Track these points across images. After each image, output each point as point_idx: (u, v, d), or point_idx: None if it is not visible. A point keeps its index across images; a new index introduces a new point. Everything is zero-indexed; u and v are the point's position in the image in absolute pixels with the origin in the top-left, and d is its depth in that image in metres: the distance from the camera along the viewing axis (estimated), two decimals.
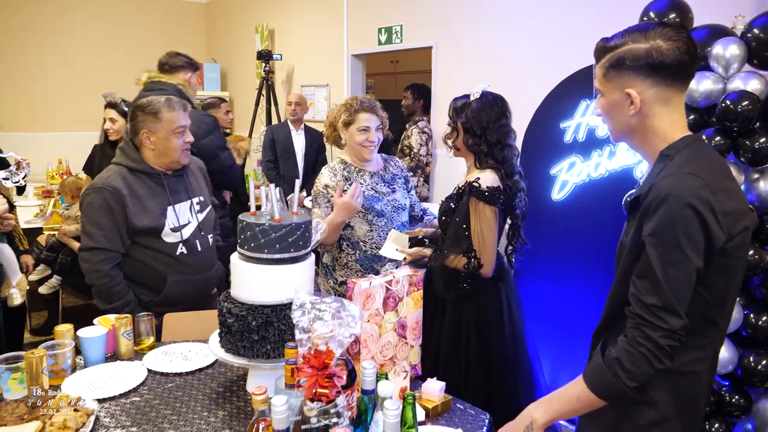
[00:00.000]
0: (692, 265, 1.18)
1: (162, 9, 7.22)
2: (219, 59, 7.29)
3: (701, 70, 2.19)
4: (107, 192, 2.18)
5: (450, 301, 2.24)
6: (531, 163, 3.01)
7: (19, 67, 6.32)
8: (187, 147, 2.30)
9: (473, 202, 2.16)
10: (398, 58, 7.41)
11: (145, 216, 2.22)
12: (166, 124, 2.22)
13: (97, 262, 2.20)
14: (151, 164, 2.28)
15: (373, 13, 4.84)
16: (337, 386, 1.16)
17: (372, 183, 2.55)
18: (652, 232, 1.20)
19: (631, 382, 1.22)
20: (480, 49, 3.91)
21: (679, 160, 1.24)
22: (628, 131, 1.33)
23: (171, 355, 1.98)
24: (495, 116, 2.24)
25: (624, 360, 1.22)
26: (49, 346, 1.79)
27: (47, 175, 5.59)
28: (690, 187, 1.17)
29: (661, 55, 1.22)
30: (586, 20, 3.20)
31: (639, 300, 1.22)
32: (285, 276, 1.61)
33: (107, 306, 2.22)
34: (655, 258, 1.19)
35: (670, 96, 1.27)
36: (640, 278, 1.23)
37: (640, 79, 1.25)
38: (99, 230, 2.18)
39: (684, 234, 1.17)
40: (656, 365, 1.21)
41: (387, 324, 1.73)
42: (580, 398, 1.31)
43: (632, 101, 1.27)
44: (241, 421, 1.58)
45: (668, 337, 1.19)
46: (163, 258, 2.27)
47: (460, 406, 1.71)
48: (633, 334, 1.23)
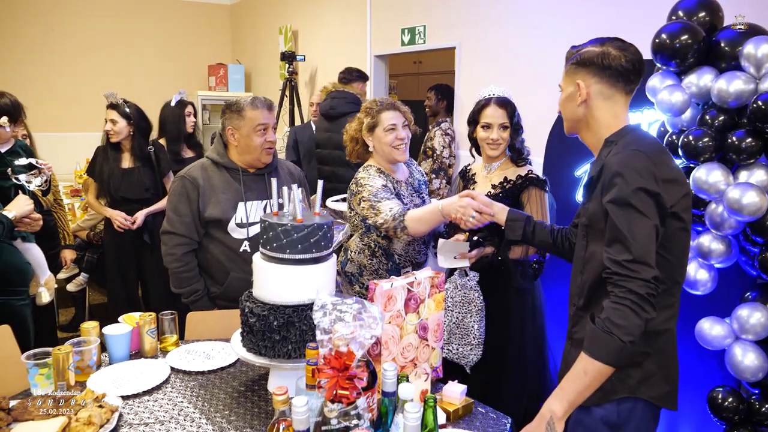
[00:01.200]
0: (650, 222, 1.36)
1: (188, 11, 7.31)
2: (243, 60, 7.36)
3: (732, 70, 2.14)
4: (187, 181, 2.29)
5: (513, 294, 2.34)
6: (555, 165, 2.98)
7: (48, 67, 6.45)
8: (269, 146, 2.32)
9: (534, 191, 2.30)
10: (421, 58, 7.39)
11: (215, 207, 2.27)
12: (248, 121, 2.26)
13: (173, 246, 2.29)
14: (235, 161, 2.34)
15: (396, 14, 4.83)
16: (357, 388, 1.15)
17: (408, 194, 2.44)
18: (612, 199, 1.39)
19: (627, 336, 1.32)
20: (503, 49, 3.88)
21: (624, 142, 1.47)
22: (576, 120, 1.58)
23: (194, 353, 2.00)
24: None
25: (614, 317, 1.34)
26: (75, 342, 1.82)
27: (75, 174, 5.69)
28: (636, 159, 1.39)
29: (609, 58, 1.49)
30: (611, 20, 3.15)
31: (613, 260, 1.37)
32: (307, 276, 1.62)
33: (177, 290, 2.33)
34: (619, 219, 1.37)
35: (612, 94, 1.51)
36: (609, 244, 1.39)
37: (589, 75, 1.52)
38: (177, 216, 2.28)
39: (637, 198, 1.36)
40: (642, 315, 1.32)
41: (408, 326, 1.72)
42: (587, 371, 1.37)
43: (580, 92, 1.52)
44: (262, 420, 1.59)
45: (645, 286, 1.33)
46: (228, 252, 2.31)
47: (481, 410, 1.69)
48: (614, 291, 1.36)
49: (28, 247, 2.53)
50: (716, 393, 2.18)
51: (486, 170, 2.44)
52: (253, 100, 2.29)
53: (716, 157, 2.15)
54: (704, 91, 2.20)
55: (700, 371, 2.36)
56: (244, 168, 2.34)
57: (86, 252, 4.18)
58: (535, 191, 2.30)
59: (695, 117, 2.27)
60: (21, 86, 6.14)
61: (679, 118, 2.29)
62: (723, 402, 2.15)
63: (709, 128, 2.16)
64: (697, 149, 2.14)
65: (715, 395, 2.17)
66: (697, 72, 2.23)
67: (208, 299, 2.33)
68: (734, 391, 2.17)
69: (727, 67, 2.17)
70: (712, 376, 2.30)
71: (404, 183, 2.46)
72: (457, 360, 2.32)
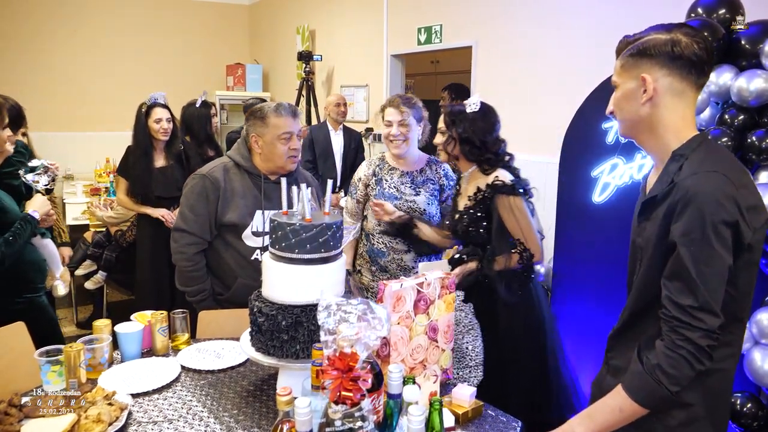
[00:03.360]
0: (724, 262, 1.18)
1: (207, 11, 7.37)
2: (261, 60, 7.39)
3: (753, 68, 2.09)
4: (208, 181, 2.26)
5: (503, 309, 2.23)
6: (571, 165, 2.93)
7: (69, 68, 6.53)
8: (293, 153, 2.26)
9: (502, 199, 2.19)
10: (438, 58, 7.36)
11: (233, 212, 2.25)
12: (272, 129, 2.22)
13: (184, 244, 2.28)
14: (258, 166, 2.30)
15: (412, 13, 4.81)
16: (361, 389, 1.14)
17: (398, 182, 2.62)
18: (684, 231, 1.19)
19: (674, 387, 1.21)
20: (520, 48, 3.84)
21: (698, 158, 1.24)
22: (638, 122, 1.33)
23: (204, 352, 2.01)
24: (491, 127, 2.29)
25: (665, 365, 1.21)
26: (87, 340, 1.83)
27: (95, 173, 5.77)
28: (716, 184, 1.18)
29: (680, 46, 1.25)
30: (629, 17, 3.10)
31: (674, 302, 1.21)
32: (315, 276, 1.61)
33: (183, 288, 2.32)
34: (688, 258, 1.18)
35: (683, 89, 1.28)
36: (671, 280, 1.22)
37: (657, 68, 1.27)
38: (193, 215, 2.26)
39: (714, 231, 1.17)
40: (697, 366, 1.19)
41: (418, 327, 1.70)
42: (623, 409, 1.28)
43: (645, 88, 1.28)
44: (270, 420, 1.59)
45: (707, 337, 1.18)
46: (239, 258, 2.28)
47: (491, 413, 1.67)
48: (671, 337, 1.21)
49: (45, 243, 2.58)
50: (735, 399, 2.13)
51: (464, 180, 2.41)
52: (277, 107, 2.24)
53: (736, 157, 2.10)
54: (723, 90, 2.15)
55: None
56: (265, 175, 2.30)
57: (105, 250, 4.22)
58: (503, 199, 2.20)
59: (714, 116, 2.22)
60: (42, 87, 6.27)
61: (698, 118, 2.25)
62: (742, 408, 2.10)
63: (729, 128, 2.11)
64: None
65: (734, 401, 2.12)
66: (716, 70, 2.18)
67: (213, 300, 2.32)
68: (753, 396, 2.12)
69: (747, 65, 2.13)
70: None
71: (402, 172, 2.63)
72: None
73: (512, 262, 2.18)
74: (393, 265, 2.65)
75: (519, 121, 3.87)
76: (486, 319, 2.23)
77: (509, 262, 2.18)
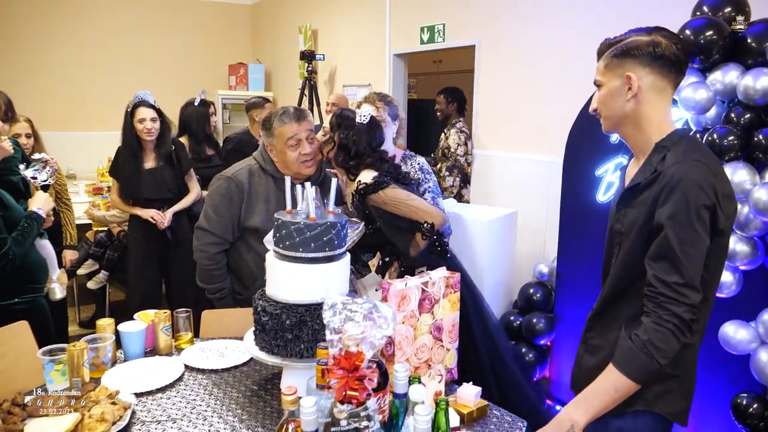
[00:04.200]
0: (704, 243, 1.29)
1: (209, 11, 7.36)
2: (263, 60, 7.39)
3: (759, 66, 2.08)
4: (233, 183, 2.26)
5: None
6: (575, 164, 2.93)
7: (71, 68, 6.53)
8: (304, 159, 2.24)
9: (374, 198, 2.21)
10: (441, 57, 7.35)
11: (256, 216, 2.24)
12: (279, 137, 2.21)
13: (206, 243, 2.29)
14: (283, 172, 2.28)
15: (415, 12, 4.80)
16: (367, 389, 1.13)
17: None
18: (670, 215, 1.28)
19: (664, 360, 1.29)
20: (523, 47, 3.83)
21: (680, 149, 1.35)
22: (623, 118, 1.43)
23: (208, 351, 2.00)
24: (376, 143, 2.32)
25: (655, 339, 1.28)
26: (90, 339, 1.83)
27: (98, 172, 5.76)
28: (698, 172, 1.29)
29: (661, 47, 1.36)
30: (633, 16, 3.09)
31: (660, 280, 1.29)
32: (319, 275, 1.60)
33: (203, 285, 2.33)
34: (674, 239, 1.27)
35: (664, 86, 1.38)
36: (656, 260, 1.31)
37: (640, 67, 1.37)
38: (216, 216, 2.27)
39: (697, 215, 1.27)
40: (682, 339, 1.29)
41: (422, 326, 1.69)
42: (618, 388, 1.33)
43: (630, 86, 1.38)
44: (275, 420, 1.58)
45: (690, 311, 1.28)
46: (260, 261, 2.23)
47: (496, 413, 1.66)
48: (658, 313, 1.29)
49: (44, 244, 2.55)
50: (741, 399, 2.12)
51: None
52: (281, 115, 2.22)
53: (742, 156, 2.09)
54: (729, 89, 2.14)
55: (724, 376, 2.29)
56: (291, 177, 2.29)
57: (107, 249, 4.22)
58: (374, 198, 2.22)
59: (720, 115, 2.21)
60: (43, 86, 6.26)
61: (704, 116, 2.24)
62: (748, 408, 2.09)
63: (735, 126, 2.10)
64: (722, 148, 2.08)
65: (740, 401, 2.11)
66: (722, 69, 2.17)
67: (233, 299, 2.33)
68: (759, 397, 2.10)
69: (753, 64, 2.12)
70: (736, 382, 2.23)
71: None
72: None
73: (421, 242, 2.23)
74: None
75: (522, 120, 3.85)
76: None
77: (419, 244, 2.23)
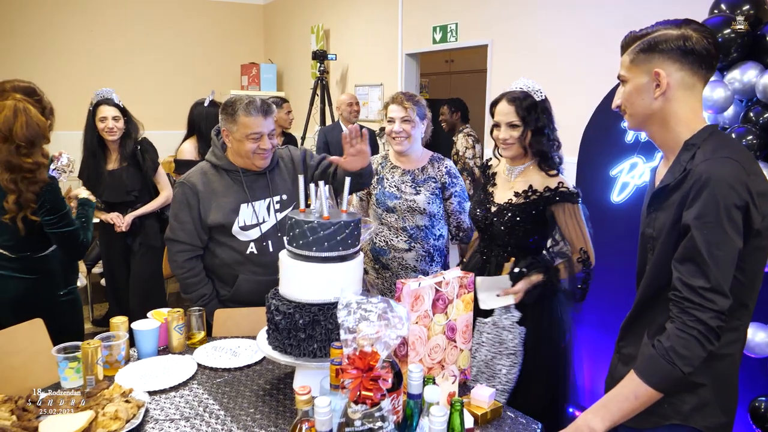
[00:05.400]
0: (735, 246, 1.22)
1: (222, 11, 7.38)
2: (275, 60, 7.40)
3: None
4: (187, 187, 2.24)
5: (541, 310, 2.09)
6: (589, 165, 2.90)
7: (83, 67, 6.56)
8: (262, 152, 2.21)
9: (567, 207, 2.07)
10: (453, 57, 7.33)
11: (216, 212, 2.22)
12: (241, 127, 2.17)
13: (175, 252, 2.27)
14: (233, 161, 2.27)
15: (427, 12, 4.79)
16: (382, 389, 1.12)
17: (399, 181, 2.62)
18: (697, 215, 1.22)
19: (687, 368, 1.23)
20: (536, 46, 3.80)
21: (710, 146, 1.27)
22: (650, 116, 1.36)
23: (221, 350, 2.00)
24: (553, 116, 2.15)
25: (678, 346, 1.23)
26: (104, 337, 1.84)
27: None
28: (729, 170, 1.21)
29: (692, 41, 1.28)
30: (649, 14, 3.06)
31: (685, 284, 1.24)
32: (333, 274, 1.59)
33: (185, 295, 2.31)
34: (701, 240, 1.21)
35: (694, 83, 1.31)
36: (683, 263, 1.25)
37: (669, 62, 1.30)
38: (178, 223, 2.25)
39: (727, 215, 1.20)
40: (707, 347, 1.22)
41: (436, 326, 1.68)
42: (638, 395, 1.28)
43: (659, 83, 1.31)
44: (287, 419, 1.57)
45: (717, 318, 1.21)
46: (235, 255, 2.26)
47: (510, 414, 1.65)
48: (682, 318, 1.24)
49: None
50: (759, 403, 2.09)
51: (508, 173, 2.21)
52: (247, 105, 2.17)
53: (761, 156, 2.06)
54: (748, 88, 2.11)
55: (742, 379, 2.25)
56: (243, 168, 2.26)
57: None
58: (567, 207, 2.07)
59: (738, 114, 2.18)
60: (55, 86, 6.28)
61: (721, 116, 2.21)
62: (766, 412, 2.05)
63: (754, 126, 2.07)
64: None
65: (758, 405, 2.08)
66: (740, 67, 2.14)
67: (218, 302, 2.29)
68: None
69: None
70: (754, 385, 2.20)
71: (403, 171, 2.64)
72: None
73: (576, 268, 2.07)
74: (394, 264, 2.63)
75: None
76: (535, 337, 2.06)
77: (573, 269, 2.07)
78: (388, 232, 2.62)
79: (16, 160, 2.09)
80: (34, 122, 2.13)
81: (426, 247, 2.62)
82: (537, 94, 2.11)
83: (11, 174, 2.10)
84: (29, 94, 2.24)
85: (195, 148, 3.75)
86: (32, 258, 2.24)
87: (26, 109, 2.12)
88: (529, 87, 2.12)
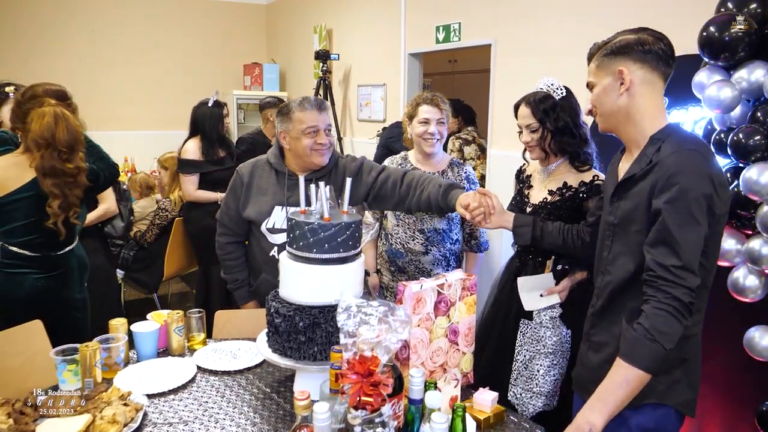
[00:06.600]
0: (702, 230, 1.33)
1: (224, 11, 7.38)
2: (278, 60, 7.39)
3: None
4: (238, 175, 2.31)
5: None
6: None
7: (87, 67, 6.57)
8: (319, 148, 2.16)
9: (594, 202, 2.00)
10: (456, 57, 7.30)
11: (252, 207, 2.24)
12: (296, 123, 2.16)
13: (220, 233, 2.35)
14: (290, 166, 2.24)
15: (430, 11, 4.77)
16: (382, 394, 1.10)
17: None
18: (668, 200, 1.34)
19: (669, 344, 1.31)
20: (540, 45, 3.77)
21: (675, 140, 1.41)
22: (617, 112, 1.49)
23: (220, 352, 1.98)
24: (578, 112, 2.07)
25: (657, 324, 1.31)
26: (103, 339, 1.82)
27: None
28: (696, 161, 1.35)
29: (648, 43, 1.45)
30: (655, 12, 3.03)
31: (659, 264, 1.33)
32: (333, 276, 1.57)
33: (223, 275, 2.40)
34: (672, 223, 1.32)
35: (654, 79, 1.46)
36: (655, 246, 1.36)
37: (630, 62, 1.45)
38: (225, 207, 2.33)
39: (695, 202, 1.32)
40: (683, 322, 1.32)
41: (438, 329, 1.66)
42: (629, 380, 1.33)
43: (623, 80, 1.45)
44: (287, 423, 1.55)
45: (688, 294, 1.31)
46: (262, 254, 2.28)
47: (513, 419, 1.62)
48: (657, 297, 1.33)
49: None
50: (766, 407, 2.05)
51: (542, 174, 2.16)
52: (302, 102, 2.18)
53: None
54: (756, 87, 2.08)
55: (749, 384, 2.23)
56: (291, 172, 2.23)
57: (122, 248, 4.23)
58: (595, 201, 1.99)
59: (745, 114, 2.14)
60: None
61: (728, 116, 2.17)
62: None
63: (761, 126, 2.04)
64: (747, 148, 2.02)
65: (766, 410, 2.05)
66: (747, 67, 2.10)
67: (248, 291, 2.35)
68: None
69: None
70: (761, 390, 2.17)
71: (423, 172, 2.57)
72: (517, 406, 2.06)
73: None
74: (411, 267, 2.61)
75: None
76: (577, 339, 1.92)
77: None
78: (405, 235, 2.60)
79: (59, 165, 2.16)
80: (73, 128, 2.20)
81: (442, 251, 2.60)
82: (557, 92, 2.06)
83: (55, 179, 2.17)
84: (62, 99, 2.28)
85: (198, 147, 3.76)
86: (51, 256, 2.27)
87: (65, 115, 2.19)
88: (549, 86, 2.07)
